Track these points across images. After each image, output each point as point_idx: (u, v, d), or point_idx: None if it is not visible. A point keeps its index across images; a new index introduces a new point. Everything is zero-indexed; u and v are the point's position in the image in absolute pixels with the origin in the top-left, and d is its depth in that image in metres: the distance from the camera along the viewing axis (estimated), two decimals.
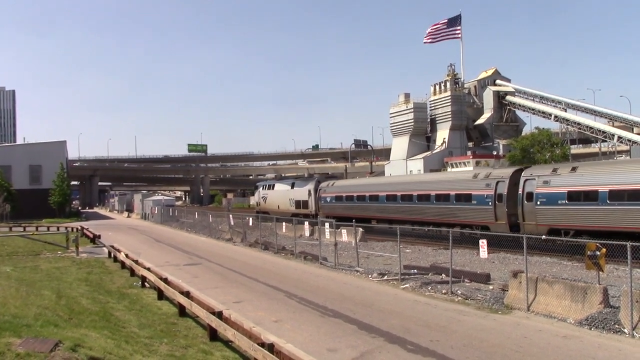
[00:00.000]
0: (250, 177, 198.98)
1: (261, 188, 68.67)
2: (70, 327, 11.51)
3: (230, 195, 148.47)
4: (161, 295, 17.55)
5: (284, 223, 36.54)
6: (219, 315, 12.38)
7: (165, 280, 17.60)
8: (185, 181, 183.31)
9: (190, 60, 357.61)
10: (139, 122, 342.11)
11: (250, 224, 39.11)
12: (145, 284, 20.03)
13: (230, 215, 45.14)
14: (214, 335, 12.48)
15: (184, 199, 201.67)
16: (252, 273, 23.36)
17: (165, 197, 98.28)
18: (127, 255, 25.01)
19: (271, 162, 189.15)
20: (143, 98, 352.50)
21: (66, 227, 45.16)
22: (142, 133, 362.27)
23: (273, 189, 64.64)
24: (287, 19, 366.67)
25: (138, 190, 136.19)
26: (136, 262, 22.84)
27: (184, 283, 18.62)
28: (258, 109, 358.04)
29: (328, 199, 48.05)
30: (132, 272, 22.47)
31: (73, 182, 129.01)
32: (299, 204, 54.85)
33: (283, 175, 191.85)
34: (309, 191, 52.94)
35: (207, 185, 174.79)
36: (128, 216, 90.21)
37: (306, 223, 33.49)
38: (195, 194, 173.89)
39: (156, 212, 71.66)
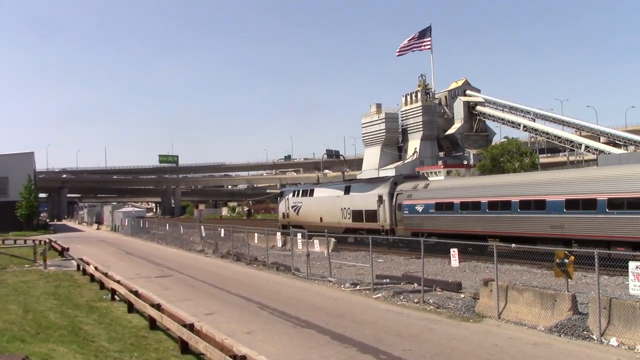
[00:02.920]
0: (223, 187, 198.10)
1: (291, 195, 51.92)
2: (37, 342, 11.30)
3: (202, 206, 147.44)
4: (131, 308, 17.30)
5: (256, 234, 36.17)
6: (191, 327, 12.27)
7: (136, 293, 17.38)
8: (156, 192, 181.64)
9: (160, 70, 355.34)
10: (109, 133, 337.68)
11: (222, 234, 38.86)
12: (115, 296, 19.73)
13: (202, 227, 44.82)
14: (185, 348, 12.33)
15: (155, 210, 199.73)
16: (224, 284, 23.18)
17: (136, 209, 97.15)
18: (96, 268, 24.65)
19: (243, 173, 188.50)
20: (113, 109, 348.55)
21: (34, 240, 44.37)
22: (112, 144, 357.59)
23: (311, 195, 48.35)
24: (259, 29, 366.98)
25: (108, 202, 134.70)
26: (106, 274, 22.53)
27: (155, 295, 18.39)
28: (229, 119, 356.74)
29: (417, 208, 33.34)
30: (102, 285, 22.13)
31: (41, 194, 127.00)
32: (359, 215, 39.98)
33: (255, 185, 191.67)
34: (380, 197, 37.58)
35: (178, 196, 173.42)
36: (98, 228, 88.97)
37: (278, 234, 33.36)
38: (166, 205, 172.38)
39: (126, 224, 70.77)
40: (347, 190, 42.66)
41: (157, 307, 14.90)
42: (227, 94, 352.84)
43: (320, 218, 44.92)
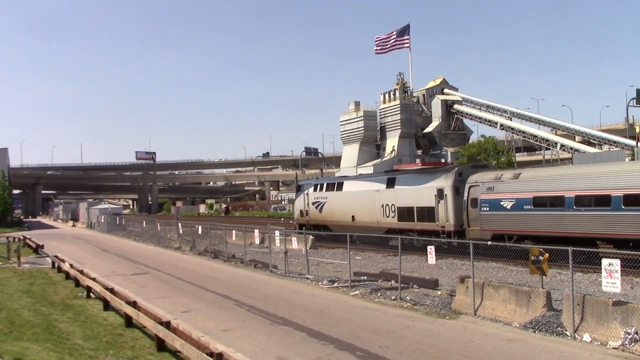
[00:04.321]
0: (201, 184, 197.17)
1: (311, 189, 43.84)
2: (10, 341, 11.15)
3: (179, 204, 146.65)
4: (107, 306, 17.17)
5: (233, 231, 35.92)
6: (167, 325, 12.20)
7: (112, 291, 17.23)
8: (133, 189, 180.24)
9: (138, 66, 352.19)
10: (85, 128, 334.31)
11: (200, 232, 38.66)
12: (91, 294, 19.57)
13: (179, 224, 44.54)
14: (161, 345, 12.27)
15: (131, 207, 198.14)
16: (201, 282, 23.07)
17: (112, 206, 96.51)
18: (71, 266, 24.40)
19: (221, 170, 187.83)
20: (89, 104, 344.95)
21: (7, 237, 43.71)
22: (88, 140, 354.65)
23: (340, 189, 40.73)
24: (238, 26, 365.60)
25: (84, 199, 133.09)
26: (81, 272, 22.32)
27: (131, 293, 18.28)
28: (208, 116, 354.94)
29: (503, 204, 26.27)
30: (77, 283, 21.92)
31: (15, 191, 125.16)
32: (409, 213, 32.88)
33: (233, 182, 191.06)
34: (440, 191, 30.66)
35: (155, 193, 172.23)
36: (73, 225, 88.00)
37: (256, 231, 33.19)
38: (143, 202, 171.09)
39: (102, 220, 70.18)
40: (390, 183, 35.11)
41: (133, 304, 14.79)
42: (206, 90, 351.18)
43: (353, 217, 37.92)
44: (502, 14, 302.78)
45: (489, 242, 23.60)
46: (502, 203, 26.40)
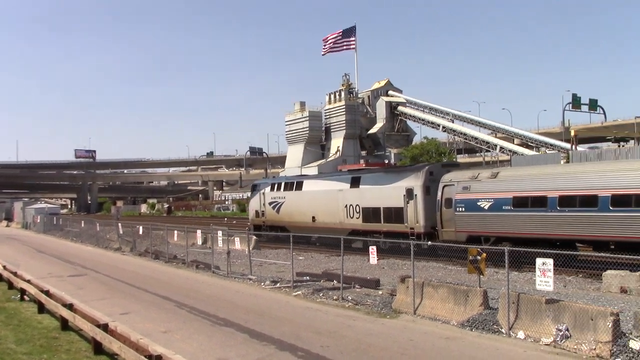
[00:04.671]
0: (143, 184, 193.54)
1: (268, 188, 42.30)
2: None
3: (119, 203, 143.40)
4: (42, 309, 16.67)
5: (175, 231, 35.40)
6: (104, 327, 11.96)
7: (47, 293, 16.75)
8: (72, 188, 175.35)
9: (78, 61, 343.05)
10: (21, 124, 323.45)
11: (141, 232, 37.96)
12: (25, 296, 18.95)
13: (119, 224, 43.62)
14: (98, 348, 12.00)
15: (70, 207, 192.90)
16: (141, 283, 22.66)
17: (49, 205, 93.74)
18: (4, 267, 23.60)
19: (164, 169, 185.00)
20: (26, 99, 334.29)
21: None
22: (24, 137, 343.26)
23: (299, 188, 39.16)
24: (181, 23, 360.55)
25: (19, 198, 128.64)
26: (15, 273, 21.64)
27: (68, 295, 17.82)
28: (150, 114, 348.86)
29: (480, 204, 25.12)
30: (10, 285, 21.20)
31: None
32: (375, 214, 31.59)
33: (176, 182, 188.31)
34: (409, 191, 29.21)
35: (95, 192, 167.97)
36: (7, 225, 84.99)
37: (198, 231, 32.83)
38: (82, 202, 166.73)
39: (39, 220, 68.04)
40: (355, 183, 33.55)
41: (70, 307, 14.42)
42: (148, 87, 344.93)
43: (313, 217, 36.48)
44: (446, 19, 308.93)
45: (429, 243, 24.13)
46: (479, 203, 25.24)
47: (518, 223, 23.75)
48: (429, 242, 21.69)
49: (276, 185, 42.00)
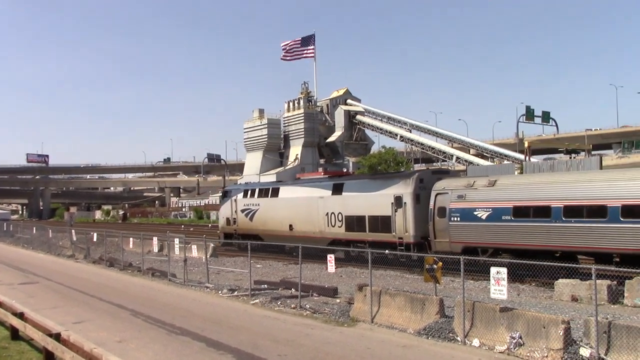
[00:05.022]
0: (97, 190, 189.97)
1: (240, 195, 40.71)
2: None
3: (73, 209, 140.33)
4: None
5: (131, 238, 34.81)
6: (57, 337, 11.71)
7: None
8: (23, 193, 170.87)
9: (29, 64, 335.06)
10: None
11: (95, 239, 37.23)
12: None
13: (73, 230, 42.69)
14: (50, 359, 11.72)
15: (21, 212, 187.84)
16: (95, 291, 22.22)
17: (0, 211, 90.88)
18: None
19: (120, 175, 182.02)
20: None
21: None
22: None
23: (275, 195, 37.44)
24: (141, 28, 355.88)
25: None
26: None
27: (19, 303, 17.41)
28: (106, 119, 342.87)
29: (477, 214, 23.93)
30: None
31: None
32: (359, 223, 30.10)
33: (132, 188, 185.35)
34: (398, 198, 27.89)
35: (47, 198, 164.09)
36: None
37: (155, 238, 32.38)
38: (33, 208, 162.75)
39: None
40: (337, 190, 32.08)
41: (20, 315, 14.08)
42: (104, 93, 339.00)
43: (290, 226, 34.96)
44: (404, 30, 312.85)
45: (387, 252, 24.26)
46: (475, 213, 23.97)
47: (518, 234, 22.61)
48: (387, 251, 21.63)
49: (249, 192, 40.20)
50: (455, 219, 24.75)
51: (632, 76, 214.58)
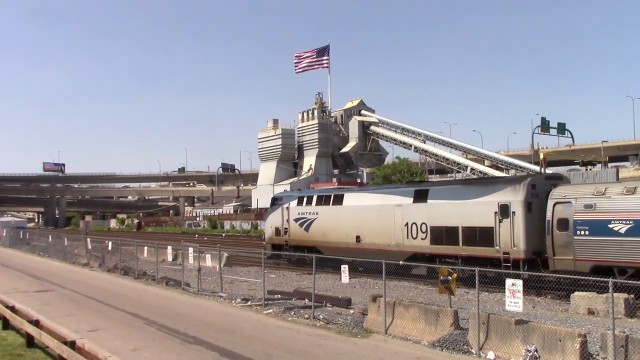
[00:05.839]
0: (112, 198, 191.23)
1: (294, 202, 36.65)
2: None
3: (88, 218, 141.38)
4: (7, 325, 16.32)
5: (145, 247, 34.97)
6: (72, 344, 11.74)
7: (12, 308, 16.43)
8: (40, 202, 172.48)
9: (47, 73, 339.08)
10: None
11: (110, 247, 37.43)
12: None
13: (88, 239, 42.96)
14: None
15: (37, 220, 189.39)
16: (109, 300, 22.31)
17: (16, 219, 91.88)
18: None
19: (134, 184, 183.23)
20: None
21: None
22: None
23: (337, 202, 33.31)
24: (156, 36, 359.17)
25: None
26: None
27: (34, 311, 17.51)
28: (122, 128, 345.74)
29: (613, 227, 20.52)
30: None
31: None
32: (450, 234, 25.81)
33: (147, 197, 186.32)
34: (504, 207, 23.78)
35: (63, 206, 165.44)
36: None
37: (169, 247, 32.48)
38: (49, 216, 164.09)
39: (4, 234, 66.74)
40: (420, 197, 28.06)
41: (36, 323, 14.14)
42: (120, 102, 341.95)
43: (357, 237, 30.79)
44: (419, 42, 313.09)
45: (401, 262, 23.87)
46: (610, 226, 20.27)
47: None
48: (401, 262, 21.00)
49: (305, 199, 36.03)
50: (583, 232, 21.10)
51: None
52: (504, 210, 23.66)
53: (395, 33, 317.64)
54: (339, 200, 33.23)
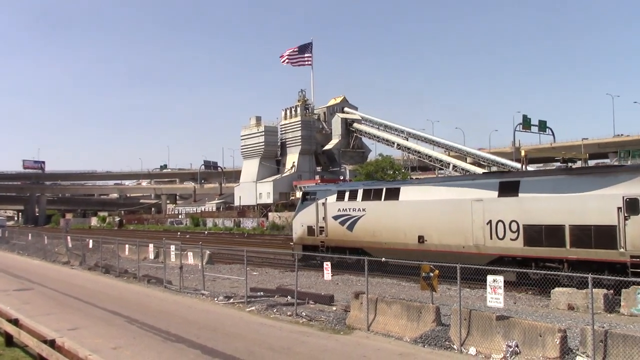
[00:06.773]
0: (93, 196, 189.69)
1: (333, 197, 31.89)
2: None
3: (69, 216, 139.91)
4: None
5: (127, 245, 34.73)
6: (51, 343, 11.64)
7: None
8: (19, 200, 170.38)
9: (25, 70, 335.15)
10: None
11: (90, 245, 37.11)
12: None
13: (68, 237, 42.53)
14: None
15: (16, 219, 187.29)
16: (90, 298, 22.13)
17: None
18: None
19: (116, 182, 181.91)
20: None
21: None
22: None
23: (392, 197, 28.67)
24: (136, 33, 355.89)
25: None
26: None
27: (13, 310, 17.32)
28: (103, 126, 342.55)
29: None
30: None
31: None
32: (549, 234, 21.80)
33: (128, 195, 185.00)
34: (631, 201, 19.69)
35: (43, 204, 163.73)
36: None
37: (151, 245, 32.28)
38: (29, 214, 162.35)
39: None
40: (508, 190, 23.76)
41: (15, 322, 13.99)
42: (101, 99, 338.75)
43: (420, 237, 26.62)
44: (402, 39, 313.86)
45: (383, 259, 23.91)
46: None
47: None
48: (383, 259, 20.88)
49: (348, 193, 31.35)
50: None
51: (628, 86, 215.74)
52: (632, 206, 19.79)
53: (379, 30, 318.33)
54: (393, 194, 28.78)
